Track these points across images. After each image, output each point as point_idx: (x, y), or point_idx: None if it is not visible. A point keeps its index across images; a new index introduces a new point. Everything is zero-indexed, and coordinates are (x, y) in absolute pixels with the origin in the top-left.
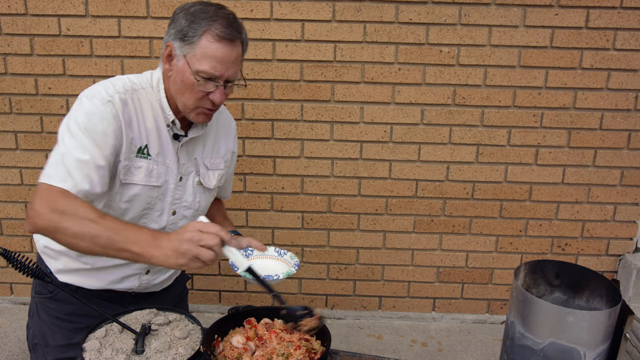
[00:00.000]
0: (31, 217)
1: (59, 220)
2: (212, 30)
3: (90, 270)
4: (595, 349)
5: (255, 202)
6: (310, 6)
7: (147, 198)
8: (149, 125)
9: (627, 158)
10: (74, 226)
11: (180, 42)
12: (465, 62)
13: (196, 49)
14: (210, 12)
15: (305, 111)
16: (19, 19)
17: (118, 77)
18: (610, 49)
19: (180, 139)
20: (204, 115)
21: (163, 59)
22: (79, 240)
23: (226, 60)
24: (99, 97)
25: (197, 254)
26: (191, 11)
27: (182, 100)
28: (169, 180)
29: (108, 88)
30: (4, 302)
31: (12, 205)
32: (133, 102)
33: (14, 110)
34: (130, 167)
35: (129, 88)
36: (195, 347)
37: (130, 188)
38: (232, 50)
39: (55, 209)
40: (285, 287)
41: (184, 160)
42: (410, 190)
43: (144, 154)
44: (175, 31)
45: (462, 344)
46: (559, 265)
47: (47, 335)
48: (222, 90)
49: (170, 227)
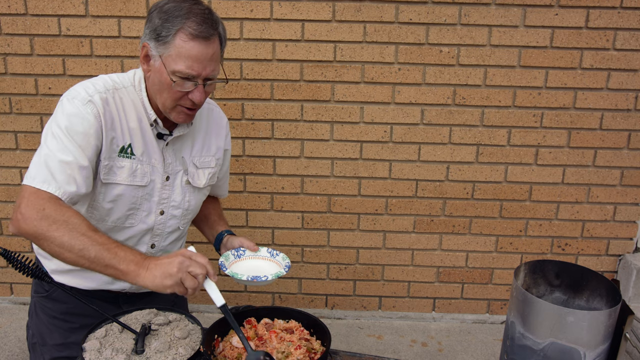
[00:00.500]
0: (17, 220)
1: (48, 229)
2: (186, 28)
3: (83, 271)
4: (595, 349)
5: (255, 202)
6: (310, 6)
7: (131, 198)
8: (132, 125)
9: (627, 158)
10: (63, 236)
11: (155, 41)
12: (465, 62)
13: (171, 48)
14: (183, 9)
15: (305, 111)
16: (19, 19)
17: (100, 76)
18: (610, 49)
19: (165, 137)
20: (185, 115)
21: (140, 60)
22: (65, 251)
23: (202, 59)
24: (79, 98)
25: (183, 278)
26: (165, 9)
27: (161, 100)
28: (155, 180)
29: (88, 88)
30: (4, 302)
31: (12, 205)
32: (114, 101)
33: (14, 110)
34: (112, 167)
35: (110, 87)
36: (195, 347)
37: (113, 188)
38: (207, 47)
39: (45, 216)
40: (285, 287)
41: (171, 160)
42: (410, 190)
43: (127, 154)
44: (149, 31)
45: (462, 344)
46: (559, 265)
47: (44, 334)
48: (201, 89)
49: (158, 227)
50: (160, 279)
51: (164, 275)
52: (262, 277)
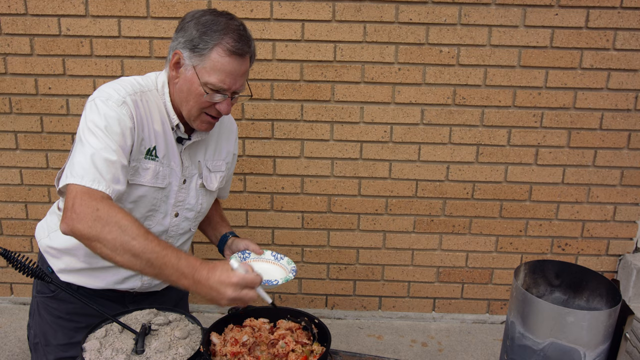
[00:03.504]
0: (72, 220)
1: (101, 231)
2: (224, 44)
3: (93, 270)
4: (595, 349)
5: (255, 202)
6: (310, 6)
7: (152, 199)
8: (156, 127)
9: (627, 158)
10: (115, 240)
11: (190, 52)
12: (465, 62)
13: (206, 61)
14: (221, 23)
15: (305, 111)
16: (19, 19)
17: (124, 78)
18: (610, 49)
19: (183, 142)
20: (207, 124)
21: (170, 65)
22: (116, 255)
23: (235, 74)
24: (113, 100)
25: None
26: (202, 21)
27: (187, 107)
28: (173, 183)
29: (119, 90)
30: (4, 302)
31: (12, 205)
32: (142, 104)
33: (14, 110)
34: (139, 168)
35: (138, 90)
36: (195, 347)
37: (136, 189)
38: (241, 64)
39: (98, 217)
40: (285, 287)
41: (188, 163)
42: (410, 190)
43: (152, 156)
44: (185, 40)
45: (462, 344)
46: (559, 265)
47: (48, 334)
48: (229, 102)
49: (172, 228)
50: (214, 301)
51: (214, 302)
52: (272, 281)
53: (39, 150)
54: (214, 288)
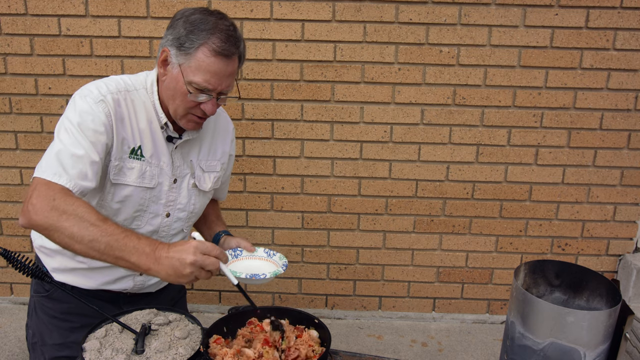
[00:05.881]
0: (28, 212)
1: (58, 219)
2: (210, 44)
3: (85, 270)
4: (595, 349)
5: (255, 202)
6: (310, 6)
7: (139, 199)
8: (142, 127)
9: (627, 158)
10: (73, 227)
11: (177, 50)
12: (465, 62)
13: (191, 60)
14: (210, 23)
15: (305, 111)
16: (19, 19)
17: (112, 77)
18: (610, 49)
19: (174, 141)
20: (194, 123)
21: (158, 63)
22: (75, 242)
23: (221, 75)
24: (91, 97)
25: (198, 275)
26: (191, 19)
27: (173, 106)
28: (163, 182)
29: (101, 88)
30: (4, 302)
31: (12, 205)
32: (126, 103)
33: (14, 110)
34: (123, 168)
35: (122, 89)
36: (195, 347)
37: (122, 189)
38: (227, 65)
39: (55, 207)
40: (285, 288)
41: (179, 163)
42: (410, 190)
43: (137, 155)
44: (172, 38)
45: (462, 344)
46: (559, 265)
47: (44, 334)
48: (214, 102)
49: (164, 229)
50: (174, 277)
51: (177, 274)
52: (260, 275)
53: (39, 150)
54: (174, 257)
